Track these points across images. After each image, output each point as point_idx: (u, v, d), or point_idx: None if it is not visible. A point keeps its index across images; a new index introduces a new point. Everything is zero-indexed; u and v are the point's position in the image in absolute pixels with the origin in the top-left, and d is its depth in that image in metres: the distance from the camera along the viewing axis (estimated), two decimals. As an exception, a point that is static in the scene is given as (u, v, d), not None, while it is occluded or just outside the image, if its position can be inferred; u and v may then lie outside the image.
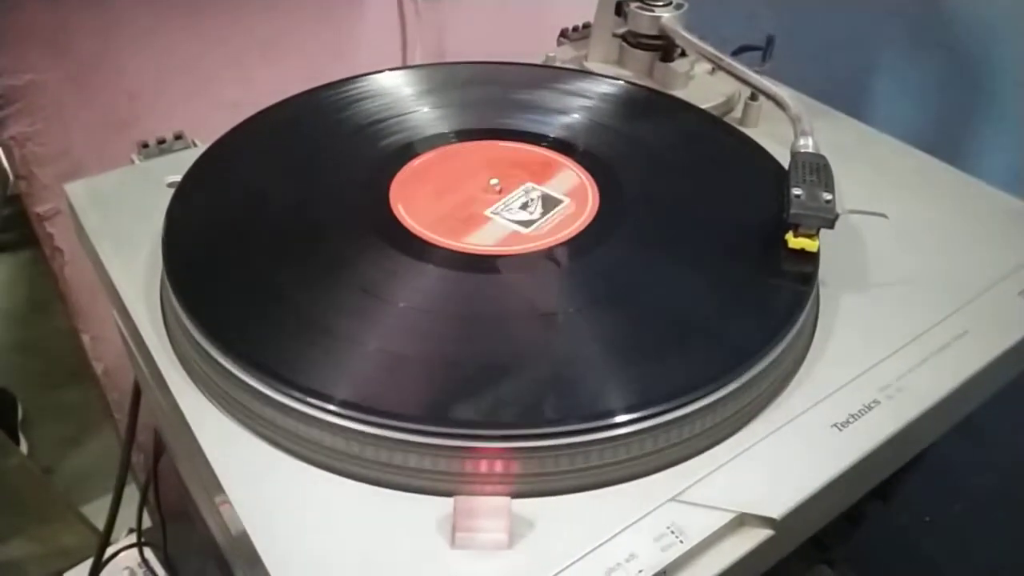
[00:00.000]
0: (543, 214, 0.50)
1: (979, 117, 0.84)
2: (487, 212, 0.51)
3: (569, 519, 0.36)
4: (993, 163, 0.83)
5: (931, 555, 0.82)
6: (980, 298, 0.49)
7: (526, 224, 0.50)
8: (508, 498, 0.36)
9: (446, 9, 0.92)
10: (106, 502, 0.74)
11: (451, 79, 0.64)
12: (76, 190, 0.57)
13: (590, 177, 0.54)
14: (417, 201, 0.51)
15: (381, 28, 0.90)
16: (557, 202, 0.51)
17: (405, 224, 0.49)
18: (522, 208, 0.51)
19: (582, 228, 0.49)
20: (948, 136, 0.86)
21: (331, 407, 0.37)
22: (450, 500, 0.36)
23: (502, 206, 0.51)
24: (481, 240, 0.48)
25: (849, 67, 0.93)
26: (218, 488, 0.38)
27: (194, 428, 0.41)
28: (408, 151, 0.56)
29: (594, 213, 0.50)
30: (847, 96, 0.71)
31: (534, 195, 0.52)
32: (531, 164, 0.55)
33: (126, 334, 0.51)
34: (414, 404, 0.38)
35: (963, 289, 0.50)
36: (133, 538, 0.83)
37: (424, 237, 0.48)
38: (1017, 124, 0.82)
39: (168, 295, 0.45)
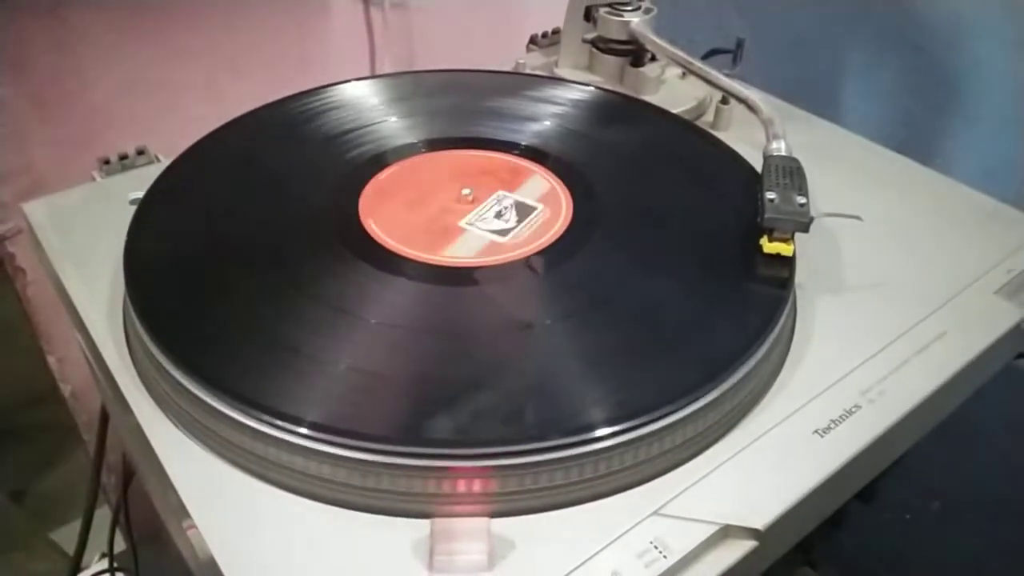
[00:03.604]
0: (519, 221, 0.50)
1: (949, 115, 0.85)
2: (461, 223, 0.50)
3: (550, 538, 0.36)
4: (964, 161, 0.84)
5: (912, 553, 0.82)
6: (957, 298, 0.49)
7: (503, 233, 0.49)
8: (487, 518, 0.35)
9: (414, 17, 0.91)
10: (79, 525, 0.73)
11: (420, 88, 0.63)
12: (35, 210, 0.55)
13: (563, 185, 0.53)
14: (388, 213, 0.50)
15: (349, 38, 0.89)
16: (531, 209, 0.51)
17: (375, 237, 0.48)
18: (496, 217, 0.50)
19: (556, 238, 0.48)
20: (919, 135, 0.87)
21: (301, 430, 0.36)
22: (426, 522, 0.35)
23: (476, 216, 0.50)
24: (460, 252, 0.47)
25: (819, 68, 0.93)
26: (185, 513, 0.37)
27: (159, 453, 0.39)
28: (378, 162, 0.55)
29: (568, 222, 0.50)
30: (818, 97, 0.71)
31: (507, 203, 0.51)
32: (503, 173, 0.55)
33: (89, 357, 0.50)
34: (388, 424, 0.37)
35: (940, 289, 0.50)
36: (105, 563, 0.81)
37: (395, 250, 0.47)
38: (987, 121, 0.82)
39: (130, 316, 0.44)
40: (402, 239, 0.48)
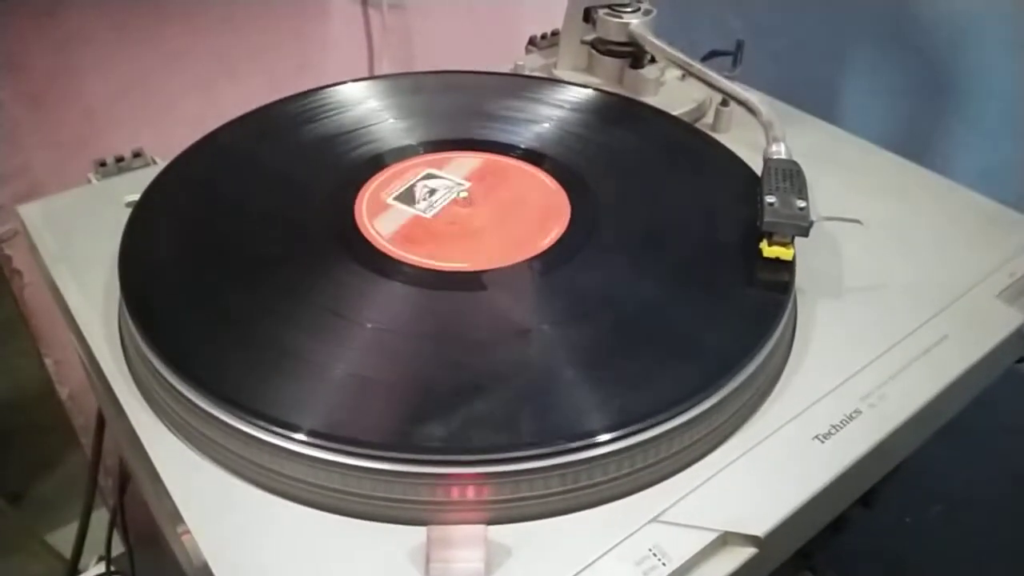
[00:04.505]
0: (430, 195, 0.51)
1: (950, 117, 0.85)
2: (388, 199, 0.51)
3: (548, 545, 0.35)
4: (964, 163, 0.84)
5: (912, 557, 0.82)
6: (958, 301, 0.49)
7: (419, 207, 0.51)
8: (484, 525, 0.35)
9: (413, 18, 0.91)
10: (76, 528, 0.72)
11: (418, 89, 0.63)
12: (31, 212, 0.55)
13: (561, 187, 0.53)
14: (384, 215, 0.50)
15: (347, 39, 0.89)
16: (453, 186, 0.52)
17: (372, 240, 0.48)
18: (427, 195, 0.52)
19: (555, 241, 0.48)
20: (919, 137, 0.87)
21: (297, 436, 0.36)
22: (423, 529, 0.35)
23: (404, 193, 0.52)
24: (383, 228, 0.49)
25: (819, 70, 0.93)
26: (179, 518, 0.37)
27: (153, 458, 0.39)
28: (375, 164, 0.54)
29: (566, 225, 0.49)
30: (818, 99, 0.71)
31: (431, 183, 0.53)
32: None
33: (85, 360, 0.49)
34: (384, 431, 0.36)
35: (941, 293, 0.49)
36: (102, 567, 0.81)
37: (392, 253, 0.47)
38: (988, 124, 0.82)
39: (125, 320, 0.44)
40: (397, 241, 0.48)
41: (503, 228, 0.50)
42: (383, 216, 0.50)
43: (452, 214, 0.51)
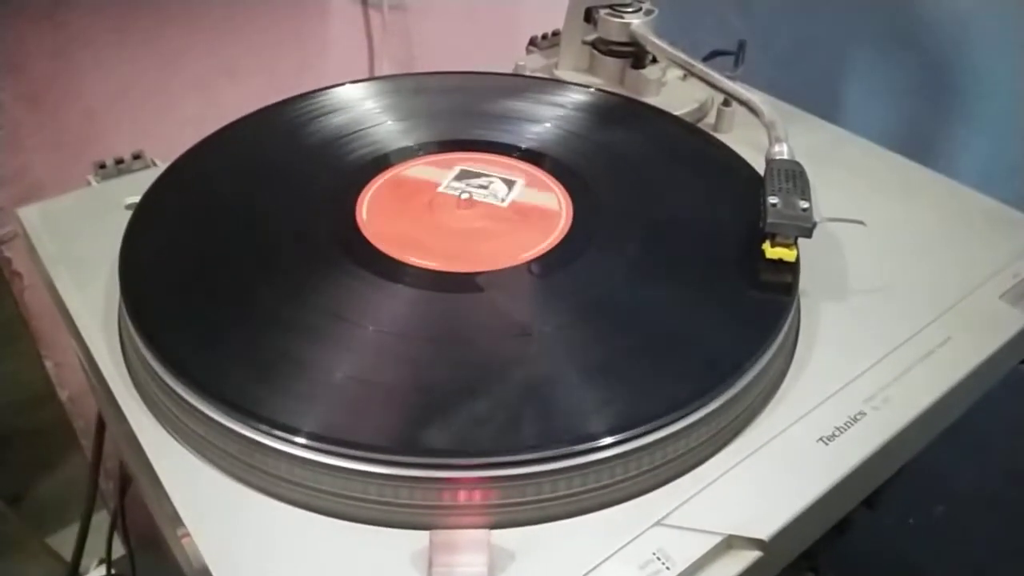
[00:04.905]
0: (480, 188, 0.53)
1: (953, 117, 0.84)
2: (460, 165, 0.55)
3: (551, 549, 0.35)
4: (967, 163, 0.83)
5: (915, 557, 0.82)
6: (962, 302, 0.49)
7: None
8: (487, 530, 0.35)
9: (413, 19, 0.91)
10: (77, 530, 0.72)
11: (418, 90, 0.63)
12: (30, 215, 0.54)
13: (562, 188, 0.52)
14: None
15: (347, 40, 0.88)
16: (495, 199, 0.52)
17: (373, 242, 0.47)
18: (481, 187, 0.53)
19: (556, 242, 0.48)
20: (922, 137, 0.86)
21: (297, 440, 0.36)
22: (425, 534, 0.35)
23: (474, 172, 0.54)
24: (409, 171, 0.53)
25: (821, 70, 0.93)
26: (179, 521, 0.37)
27: (153, 461, 0.39)
28: (376, 165, 0.54)
29: (568, 227, 0.49)
30: (820, 99, 0.71)
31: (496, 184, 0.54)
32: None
33: (84, 363, 0.49)
34: (386, 434, 0.36)
35: (944, 294, 0.49)
36: (103, 569, 0.81)
37: (393, 255, 0.46)
38: (990, 123, 0.82)
39: (125, 323, 0.43)
40: (398, 243, 0.47)
41: (449, 242, 0.48)
42: (428, 168, 0.54)
43: (441, 203, 0.51)
